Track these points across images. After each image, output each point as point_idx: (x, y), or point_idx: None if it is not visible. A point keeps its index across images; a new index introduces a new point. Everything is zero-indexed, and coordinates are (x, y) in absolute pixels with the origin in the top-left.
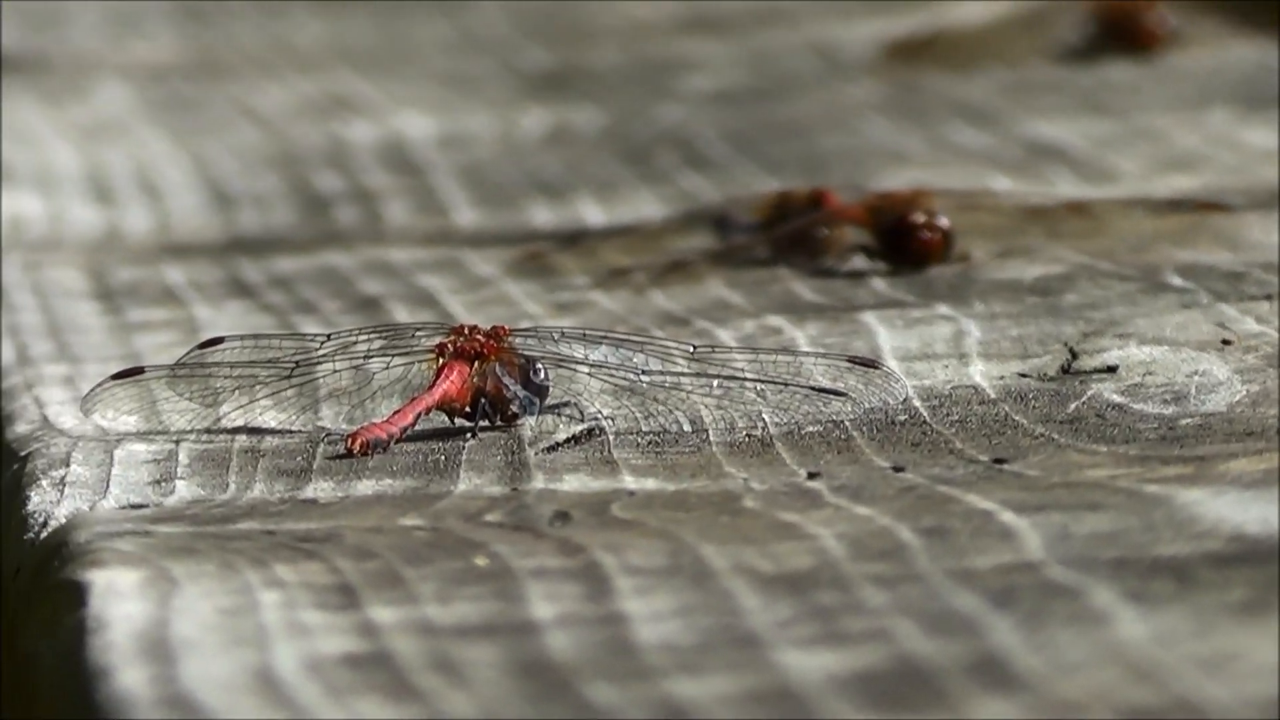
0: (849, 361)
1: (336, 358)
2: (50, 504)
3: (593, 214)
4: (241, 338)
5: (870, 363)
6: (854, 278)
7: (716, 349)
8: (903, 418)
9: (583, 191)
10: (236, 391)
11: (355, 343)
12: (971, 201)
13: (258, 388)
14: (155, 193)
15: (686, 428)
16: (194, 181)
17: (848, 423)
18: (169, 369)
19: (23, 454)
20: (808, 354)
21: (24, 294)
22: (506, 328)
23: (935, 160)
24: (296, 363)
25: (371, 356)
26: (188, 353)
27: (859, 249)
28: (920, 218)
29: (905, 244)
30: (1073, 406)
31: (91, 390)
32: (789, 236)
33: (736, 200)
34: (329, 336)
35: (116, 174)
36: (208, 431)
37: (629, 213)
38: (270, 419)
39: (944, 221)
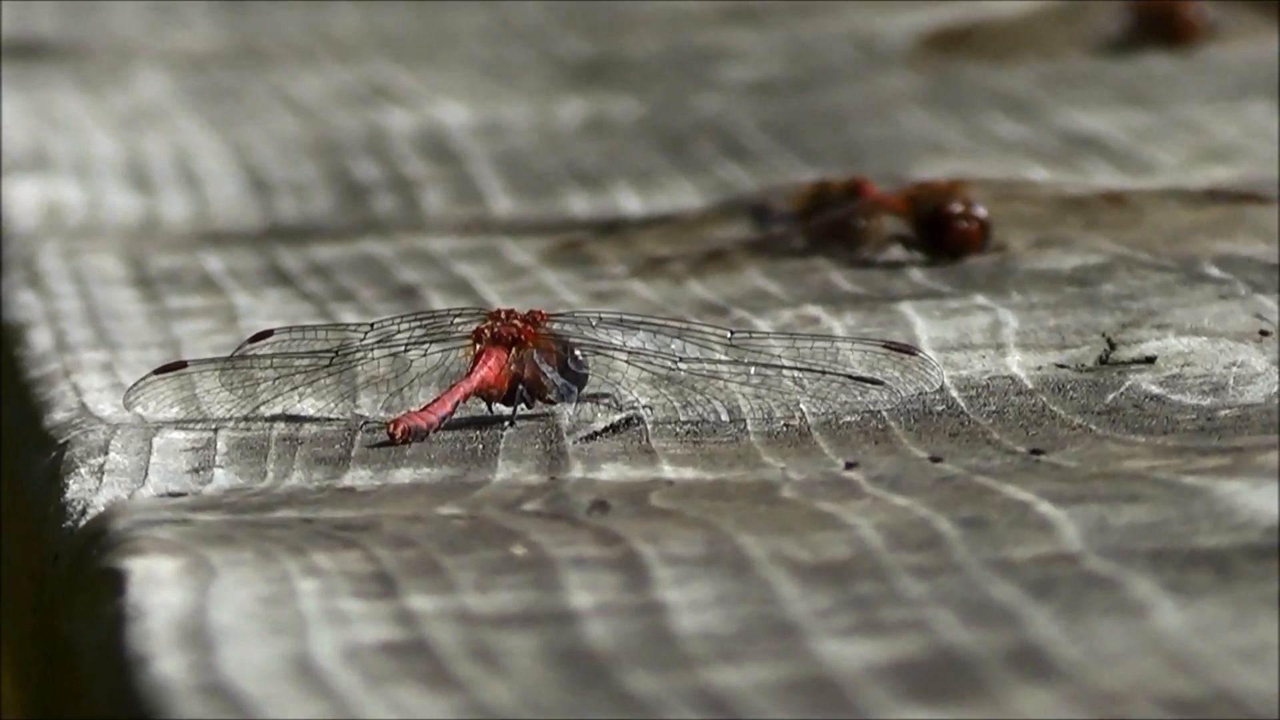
0: (885, 347)
1: (377, 347)
2: (89, 492)
3: (630, 203)
4: (289, 330)
5: (906, 348)
6: (891, 268)
7: (754, 334)
8: (940, 408)
9: (620, 181)
10: (277, 381)
11: (397, 332)
12: (1009, 192)
13: (297, 376)
14: (194, 180)
15: (724, 417)
16: (233, 169)
17: (885, 413)
18: (212, 363)
19: (61, 441)
20: (844, 339)
21: (62, 281)
22: (544, 312)
23: (973, 151)
24: (336, 351)
25: (411, 346)
26: (238, 348)
27: (896, 239)
28: (958, 208)
29: (943, 234)
30: (1110, 397)
31: (134, 384)
32: (827, 226)
33: (774, 190)
34: (372, 326)
35: (155, 162)
36: (246, 420)
37: (667, 202)
38: (309, 407)
39: (981, 212)
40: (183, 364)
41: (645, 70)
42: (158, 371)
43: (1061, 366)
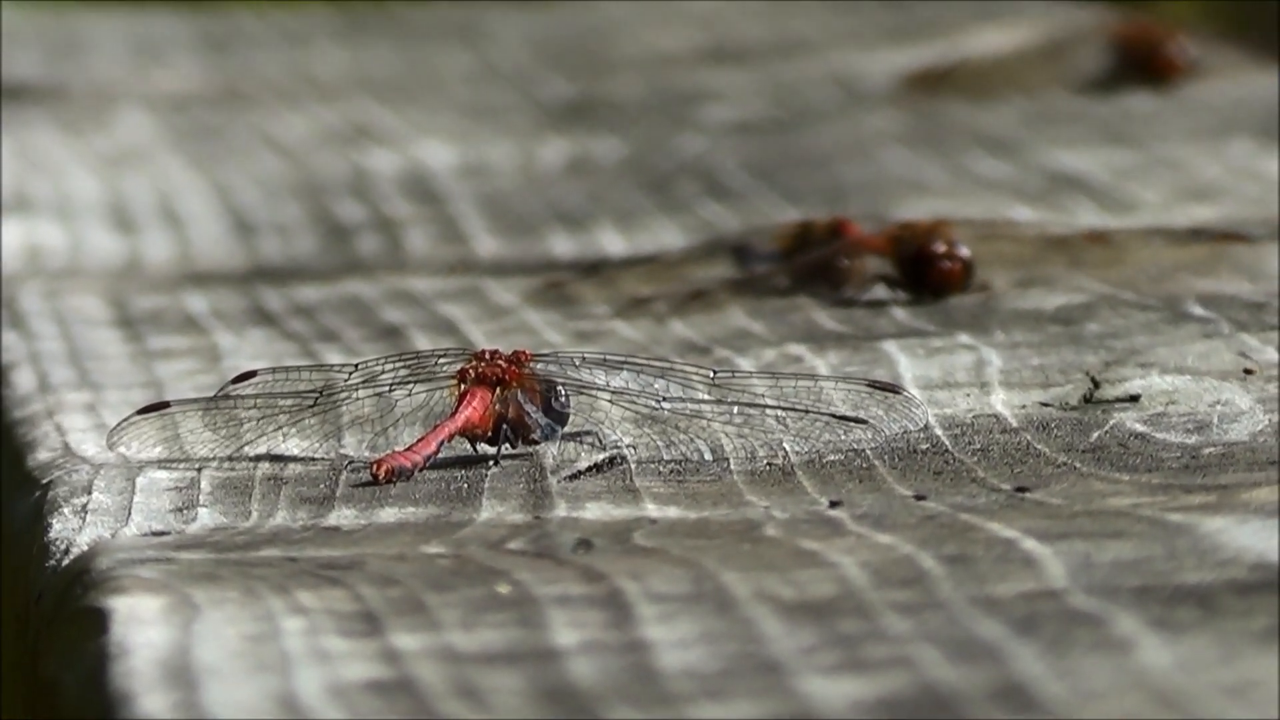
0: (869, 386)
1: (361, 387)
2: (72, 531)
3: (613, 243)
4: (273, 370)
5: (890, 387)
6: (875, 307)
7: (736, 374)
8: (924, 446)
9: (603, 221)
10: (261, 421)
11: (382, 372)
12: (992, 231)
13: (281, 416)
14: (176, 221)
15: (708, 456)
16: (215, 210)
17: (869, 451)
18: (195, 403)
19: (44, 481)
20: (827, 378)
21: (44, 322)
22: (528, 352)
23: (955, 190)
24: (320, 391)
25: (396, 386)
26: (221, 389)
27: (880, 278)
28: (941, 247)
29: (926, 273)
30: (1095, 435)
31: (117, 425)
32: (810, 266)
33: (757, 230)
34: (356, 367)
35: (137, 202)
36: (230, 459)
37: (649, 242)
38: (293, 447)
39: (964, 251)
40: (165, 404)
41: (628, 111)
42: (141, 412)
43: (1046, 405)
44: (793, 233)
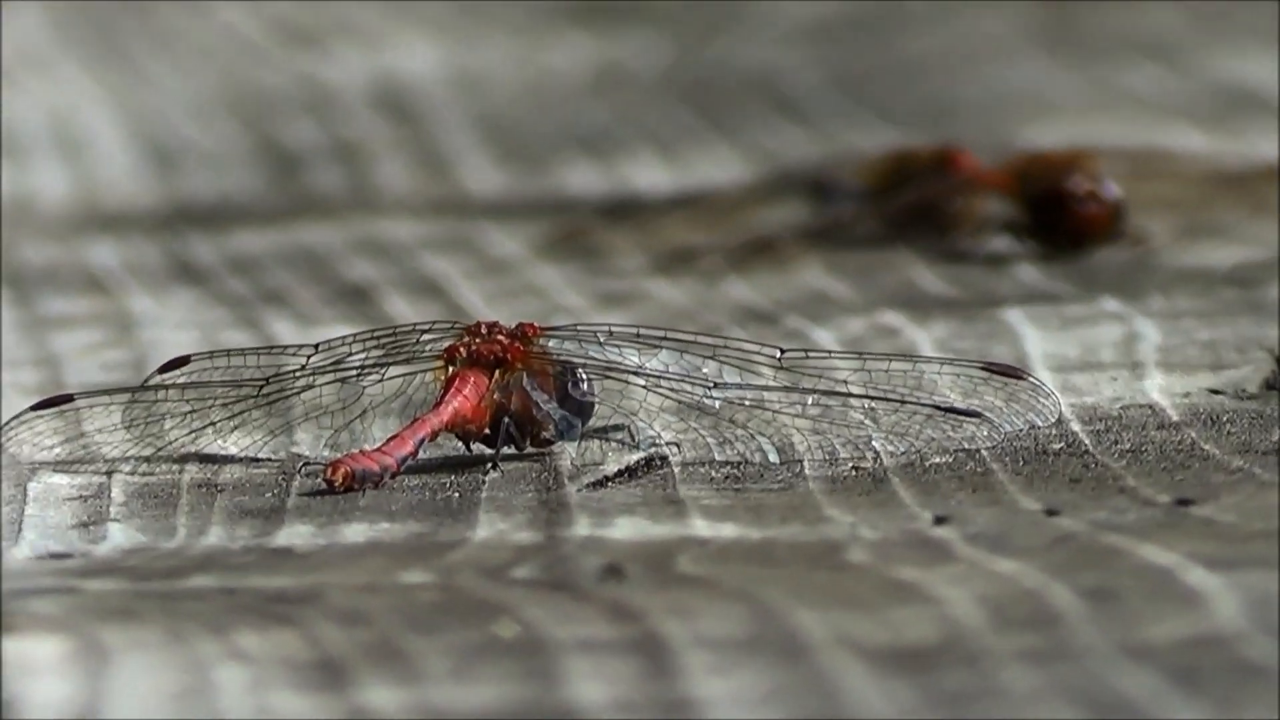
0: (984, 370)
1: (319, 373)
2: None
3: (649, 177)
4: (210, 355)
5: (1013, 372)
6: (994, 263)
7: (811, 354)
8: (1058, 446)
9: (637, 148)
10: (189, 416)
11: (349, 354)
12: (1147, 164)
13: (215, 410)
14: (76, 148)
15: (773, 458)
16: (127, 134)
17: (985, 452)
18: (106, 395)
19: None
20: (931, 360)
21: None
22: (537, 326)
23: (1099, 109)
24: (267, 380)
25: (366, 369)
26: (146, 379)
27: (1000, 225)
28: (1080, 186)
29: (1061, 219)
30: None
31: (8, 422)
32: (908, 208)
33: (839, 161)
34: (316, 348)
35: (27, 124)
36: (149, 460)
37: (697, 176)
38: (231, 445)
39: (1111, 191)
40: (68, 397)
41: (668, 4)
42: (37, 407)
43: (1216, 393)
44: (886, 165)
